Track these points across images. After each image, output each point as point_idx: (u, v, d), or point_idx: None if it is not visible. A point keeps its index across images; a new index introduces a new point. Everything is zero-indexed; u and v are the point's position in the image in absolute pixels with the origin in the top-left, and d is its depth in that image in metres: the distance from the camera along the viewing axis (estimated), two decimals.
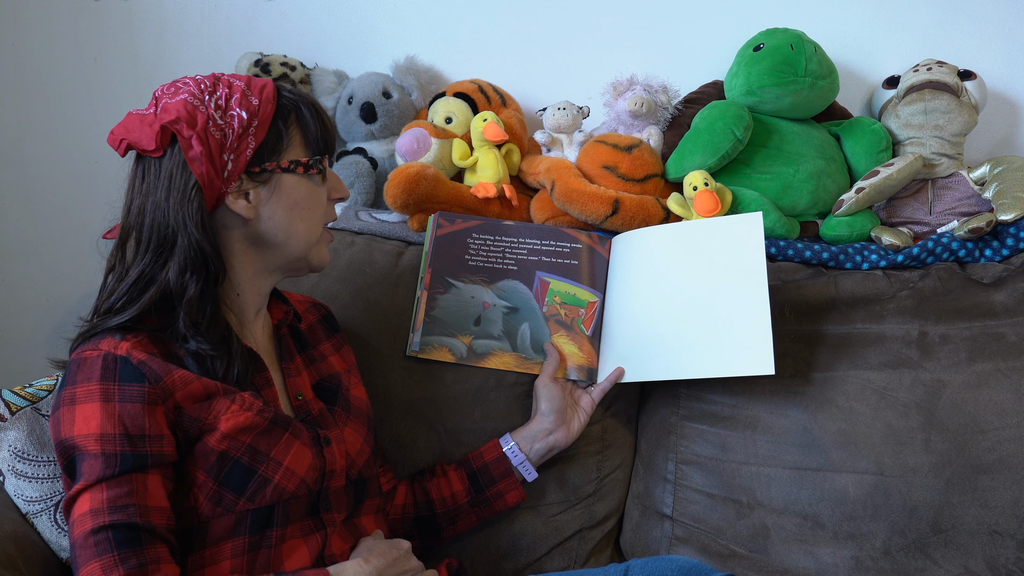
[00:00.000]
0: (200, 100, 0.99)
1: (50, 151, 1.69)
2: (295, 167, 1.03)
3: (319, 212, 1.07)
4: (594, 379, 1.36)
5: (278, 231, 1.04)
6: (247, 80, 1.03)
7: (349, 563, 1.00)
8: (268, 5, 1.70)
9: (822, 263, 1.44)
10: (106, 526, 0.88)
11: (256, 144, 1.00)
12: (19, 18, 1.65)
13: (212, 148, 0.98)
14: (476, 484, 1.28)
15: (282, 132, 1.03)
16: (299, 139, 1.04)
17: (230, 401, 0.97)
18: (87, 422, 0.92)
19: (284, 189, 1.03)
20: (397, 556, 1.04)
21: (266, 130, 1.01)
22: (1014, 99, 1.66)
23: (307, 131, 1.05)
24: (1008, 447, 1.28)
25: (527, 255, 1.40)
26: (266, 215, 1.03)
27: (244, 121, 1.00)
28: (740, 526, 1.33)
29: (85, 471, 0.91)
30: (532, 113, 1.67)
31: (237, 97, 1.00)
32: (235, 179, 1.00)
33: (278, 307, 1.16)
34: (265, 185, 1.02)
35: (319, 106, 1.08)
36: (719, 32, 1.66)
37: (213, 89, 1.01)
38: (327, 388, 1.15)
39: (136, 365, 0.94)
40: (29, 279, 1.69)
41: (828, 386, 1.35)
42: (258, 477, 0.97)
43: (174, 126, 0.97)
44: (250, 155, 1.00)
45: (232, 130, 0.99)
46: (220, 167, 0.99)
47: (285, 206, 1.03)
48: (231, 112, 1.00)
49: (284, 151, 1.03)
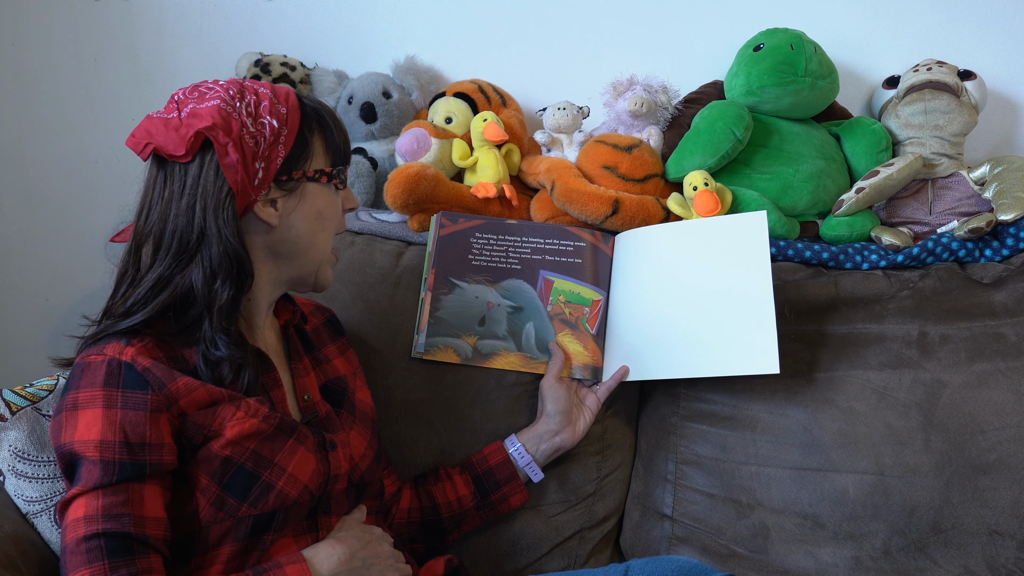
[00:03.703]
0: (232, 107, 0.99)
1: (50, 151, 1.69)
2: (319, 176, 1.04)
3: (336, 222, 1.08)
4: (599, 378, 1.36)
5: (300, 240, 1.05)
6: (271, 88, 1.03)
7: (322, 544, 1.00)
8: (268, 5, 1.70)
9: (822, 263, 1.44)
10: (99, 534, 0.88)
11: (286, 153, 1.01)
12: (19, 18, 1.65)
13: (247, 155, 0.98)
14: (481, 488, 1.28)
15: (308, 141, 1.03)
16: (321, 148, 1.05)
17: (235, 408, 0.97)
18: (88, 428, 0.91)
19: (308, 198, 1.04)
20: (370, 539, 1.04)
21: (294, 139, 1.02)
22: (1014, 99, 1.67)
23: (329, 140, 1.06)
24: (1008, 447, 1.29)
25: (531, 254, 1.40)
26: (290, 224, 1.03)
27: (275, 129, 1.00)
28: (740, 526, 1.33)
29: (83, 476, 0.91)
30: (532, 113, 1.67)
31: (266, 105, 1.00)
32: (265, 187, 1.00)
33: (285, 307, 1.16)
34: (292, 194, 1.03)
35: (336, 115, 1.08)
36: (719, 32, 1.66)
37: (241, 95, 1.01)
38: (333, 391, 1.15)
39: (140, 372, 0.94)
40: (29, 279, 1.69)
41: (828, 386, 1.35)
42: (262, 483, 0.96)
43: (210, 132, 0.96)
44: (280, 164, 1.00)
45: (264, 138, 0.99)
46: (252, 175, 0.99)
47: (308, 215, 1.04)
48: (262, 120, 0.99)
49: (309, 160, 1.03)
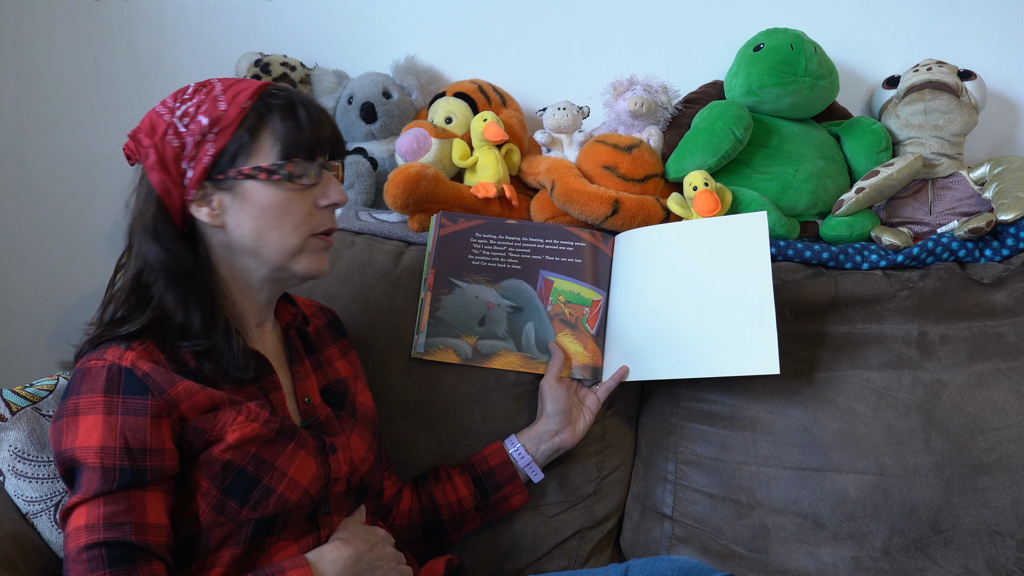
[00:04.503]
0: (170, 109, 0.99)
1: (50, 151, 1.69)
2: (257, 173, 0.98)
3: (292, 220, 1.01)
4: (599, 378, 1.36)
5: (247, 239, 1.01)
6: (231, 84, 1.01)
7: (328, 547, 1.00)
8: (268, 5, 1.70)
9: (822, 263, 1.44)
10: (100, 543, 0.88)
11: (217, 150, 0.97)
12: (19, 18, 1.65)
13: (167, 157, 0.98)
14: (482, 489, 1.28)
15: (246, 137, 0.98)
16: (269, 143, 0.99)
17: (236, 412, 0.97)
18: (89, 434, 0.91)
19: (248, 196, 0.99)
20: (375, 541, 1.04)
21: (229, 136, 0.97)
22: (1014, 99, 1.66)
23: (283, 135, 0.99)
24: (1008, 447, 1.29)
25: (531, 254, 1.40)
26: (233, 223, 1.00)
27: (203, 128, 0.97)
28: (740, 526, 1.33)
29: (83, 484, 0.91)
30: (532, 113, 1.67)
31: (207, 103, 0.98)
32: (196, 187, 0.98)
33: (286, 309, 1.15)
34: (229, 192, 0.99)
35: (313, 108, 1.02)
36: (719, 32, 1.66)
37: (194, 95, 1.00)
38: (334, 393, 1.14)
39: (140, 377, 0.94)
40: (29, 279, 1.69)
41: (828, 386, 1.35)
42: (262, 487, 0.96)
43: (135, 136, 0.99)
44: (209, 162, 0.98)
45: (192, 137, 0.98)
46: (178, 175, 0.98)
47: (251, 214, 0.99)
48: (196, 119, 0.98)
49: (249, 156, 0.99)
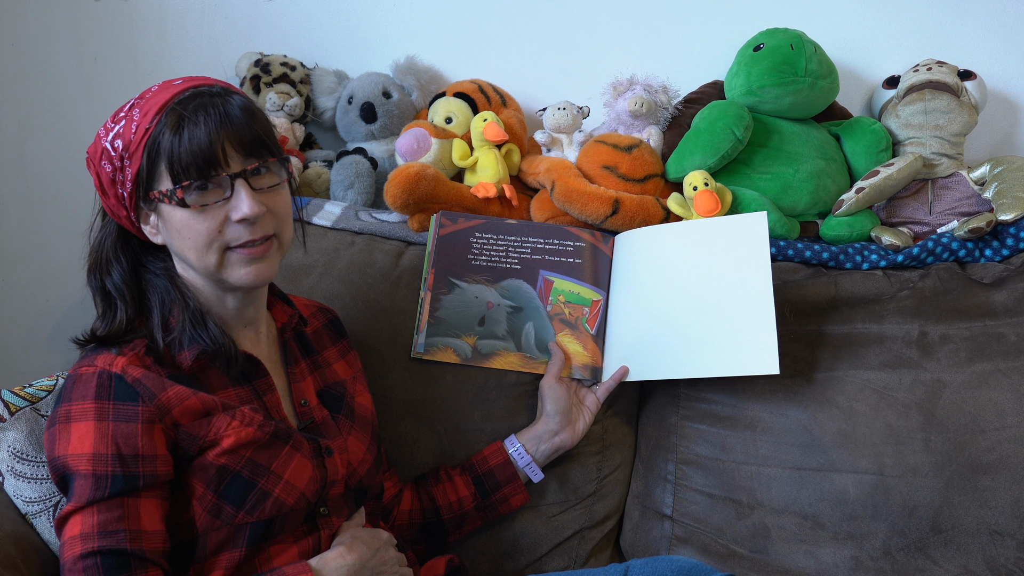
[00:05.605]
0: (107, 130, 0.98)
1: (50, 151, 1.68)
2: (163, 197, 0.95)
3: (202, 239, 0.96)
4: (599, 378, 1.36)
5: (180, 255, 1.00)
6: (151, 97, 0.96)
7: (331, 553, 1.00)
8: (268, 5, 1.70)
9: (822, 263, 1.44)
10: (95, 551, 0.88)
11: (133, 175, 0.95)
12: (19, 18, 1.65)
13: (105, 182, 0.99)
14: (482, 489, 1.28)
15: (148, 162, 0.94)
16: (163, 166, 0.94)
17: (230, 417, 0.97)
18: (81, 441, 0.91)
19: (166, 217, 0.97)
20: (379, 546, 1.04)
21: (139, 160, 0.95)
22: (1014, 99, 1.66)
23: (168, 158, 0.93)
24: (1008, 447, 1.29)
25: (530, 254, 1.40)
26: (168, 241, 1.00)
27: (120, 152, 0.96)
28: (740, 526, 1.33)
29: (76, 491, 0.91)
30: (532, 113, 1.67)
31: (126, 122, 0.95)
32: (132, 209, 0.98)
33: (282, 310, 1.14)
34: (155, 212, 0.98)
35: (207, 119, 0.93)
36: (719, 32, 1.65)
37: (128, 112, 0.97)
38: (331, 396, 1.14)
39: (131, 383, 0.94)
40: (29, 279, 1.68)
41: (828, 386, 1.35)
42: (258, 491, 0.96)
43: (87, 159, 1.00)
44: (131, 188, 0.97)
45: (117, 162, 0.97)
46: (117, 197, 0.99)
47: (172, 234, 0.98)
48: (115, 143, 0.96)
49: (154, 180, 0.95)
